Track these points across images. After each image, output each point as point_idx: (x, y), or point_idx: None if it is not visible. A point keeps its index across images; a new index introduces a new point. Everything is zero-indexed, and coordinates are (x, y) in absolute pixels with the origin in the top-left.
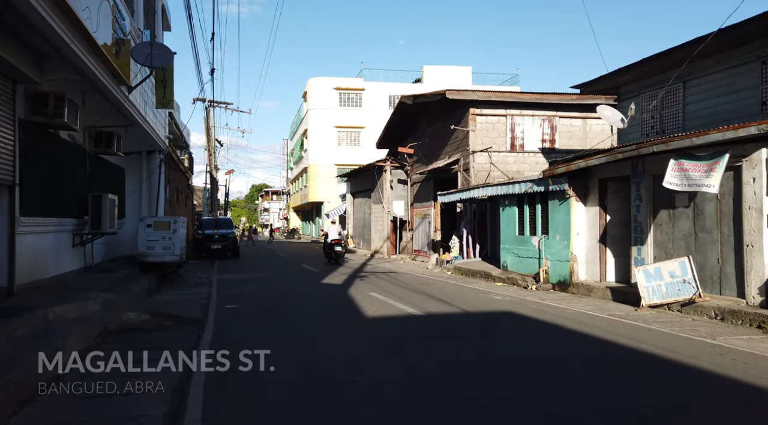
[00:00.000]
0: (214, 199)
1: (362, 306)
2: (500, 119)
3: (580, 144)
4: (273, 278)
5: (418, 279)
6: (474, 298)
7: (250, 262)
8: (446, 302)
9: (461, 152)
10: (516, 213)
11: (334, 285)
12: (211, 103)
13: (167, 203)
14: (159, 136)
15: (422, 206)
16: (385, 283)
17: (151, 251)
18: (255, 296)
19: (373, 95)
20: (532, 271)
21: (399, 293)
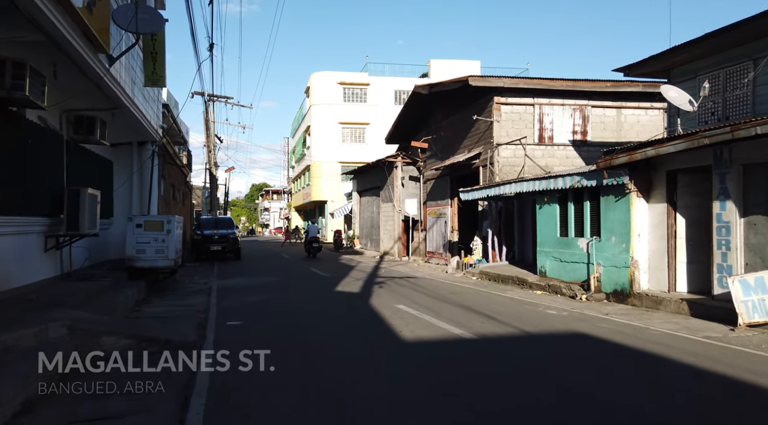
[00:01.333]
0: (214, 197)
1: (394, 324)
2: (527, 108)
3: (614, 136)
4: (280, 284)
5: (442, 286)
6: (523, 312)
7: (252, 265)
8: (493, 319)
9: (483, 145)
10: (557, 212)
11: (351, 294)
12: (210, 97)
13: (162, 201)
14: (151, 124)
15: (437, 205)
16: (409, 291)
17: (141, 255)
18: (262, 308)
19: (379, 90)
20: (578, 278)
21: (430, 304)
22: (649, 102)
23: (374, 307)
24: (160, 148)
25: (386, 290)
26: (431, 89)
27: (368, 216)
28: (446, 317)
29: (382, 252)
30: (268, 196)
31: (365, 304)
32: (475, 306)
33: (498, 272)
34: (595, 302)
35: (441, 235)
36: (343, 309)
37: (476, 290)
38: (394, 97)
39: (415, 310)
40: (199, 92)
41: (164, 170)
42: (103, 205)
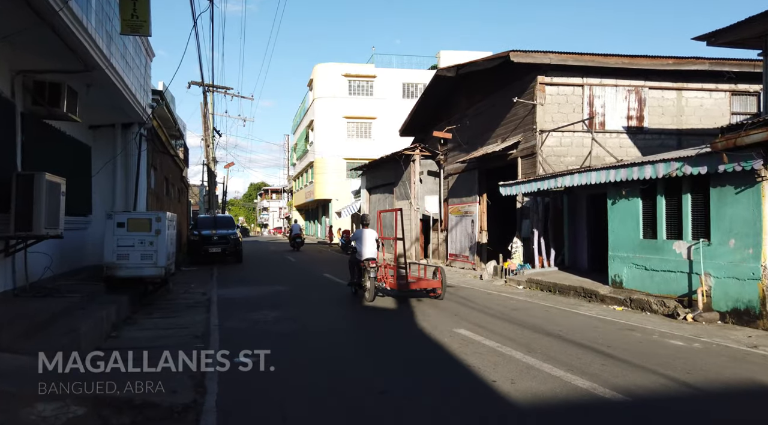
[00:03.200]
0: (212, 195)
1: (474, 366)
2: (575, 89)
3: (673, 122)
4: (293, 295)
5: (491, 298)
6: (636, 342)
7: (256, 269)
8: (612, 356)
9: (523, 133)
10: (639, 208)
11: (387, 311)
12: (208, 88)
13: (152, 195)
14: (136, 99)
15: (461, 202)
16: (457, 306)
17: (123, 262)
18: (277, 332)
19: (386, 83)
20: (673, 291)
21: (499, 328)
22: (713, 83)
23: (428, 333)
24: (149, 132)
25: (427, 305)
26: (459, 71)
27: None
28: (542, 353)
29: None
30: (267, 195)
31: (414, 327)
32: (564, 332)
33: (552, 280)
34: (707, 323)
35: (466, 236)
36: (392, 337)
37: (541, 306)
38: (402, 91)
39: (487, 339)
40: (197, 82)
41: (155, 159)
42: (80, 199)
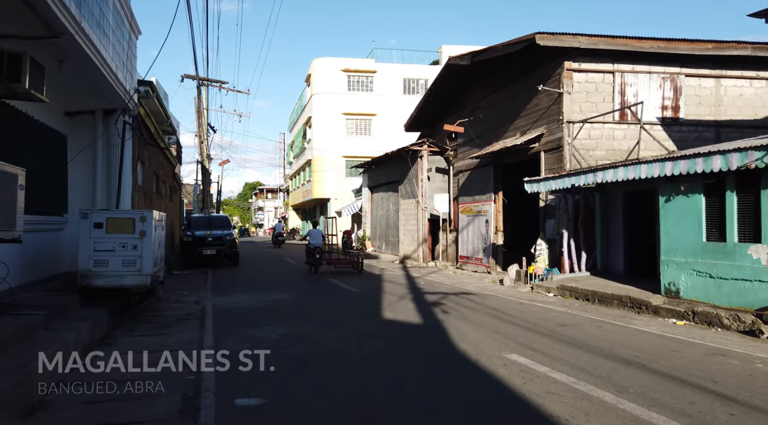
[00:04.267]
0: (206, 194)
1: (559, 416)
2: (605, 76)
3: (711, 113)
4: (299, 305)
5: (524, 309)
6: (741, 374)
7: (254, 273)
8: (725, 398)
9: (547, 125)
10: (701, 205)
11: (412, 327)
12: (203, 82)
13: (139, 192)
14: (119, 81)
15: (473, 201)
16: (492, 321)
17: (102, 270)
18: (288, 357)
19: (386, 78)
20: (750, 303)
21: (561, 353)
22: (754, 70)
23: (474, 359)
24: (135, 120)
25: (457, 318)
26: (474, 58)
27: (382, 215)
28: (638, 393)
29: (401, 256)
30: (263, 195)
31: (455, 352)
32: (643, 359)
33: (589, 288)
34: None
35: (480, 237)
36: (435, 367)
37: (589, 320)
38: (403, 86)
39: (554, 370)
40: (191, 76)
41: (143, 152)
42: (52, 196)
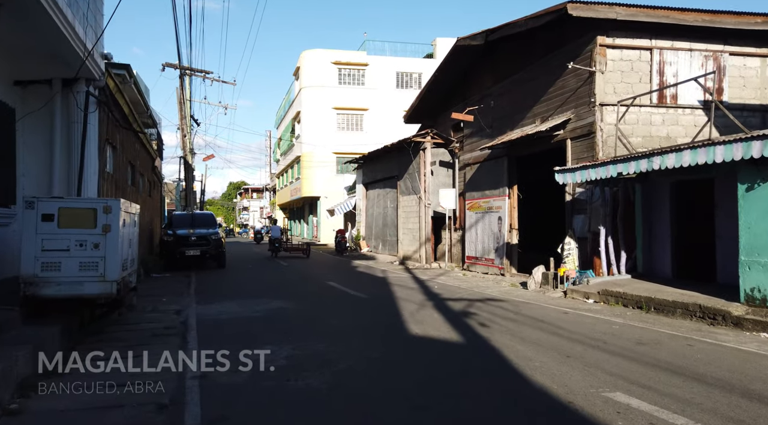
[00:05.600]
0: (189, 191)
1: None
2: (642, 54)
3: (756, 96)
4: (300, 314)
5: (572, 320)
6: None
7: (242, 275)
8: None
9: (574, 109)
10: None
11: (453, 347)
12: (186, 71)
13: (109, 182)
14: (77, 37)
15: (483, 196)
16: (550, 338)
17: (52, 275)
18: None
19: (378, 72)
20: None
21: (675, 389)
22: None
23: (565, 402)
24: (103, 93)
25: (501, 332)
26: (489, 37)
27: (379, 213)
28: None
29: (401, 257)
30: (248, 194)
31: (530, 388)
32: None
33: (641, 293)
34: None
35: (491, 235)
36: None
37: (666, 335)
38: (396, 80)
39: (695, 422)
40: (172, 64)
41: (113, 134)
42: None
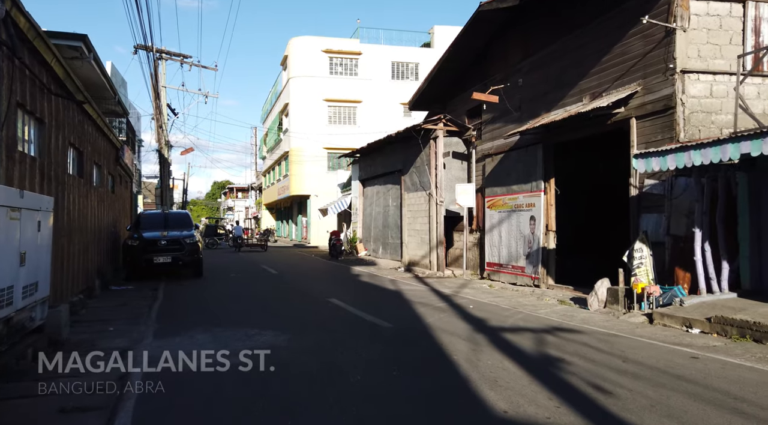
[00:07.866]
0: (165, 187)
1: None
2: (733, 7)
3: None
4: (303, 362)
5: (705, 371)
6: None
7: (223, 289)
8: None
9: (642, 80)
10: None
11: None
12: (160, 54)
13: (28, 165)
14: None
15: (509, 192)
16: (703, 409)
17: None
18: None
19: (372, 61)
20: None
21: None
22: None
23: None
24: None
25: (645, 410)
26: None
27: (379, 212)
28: None
29: (406, 262)
30: (232, 194)
31: None
32: None
33: None
34: None
35: (520, 238)
36: None
37: None
38: (391, 71)
39: None
40: (144, 46)
41: (34, 99)
42: None
